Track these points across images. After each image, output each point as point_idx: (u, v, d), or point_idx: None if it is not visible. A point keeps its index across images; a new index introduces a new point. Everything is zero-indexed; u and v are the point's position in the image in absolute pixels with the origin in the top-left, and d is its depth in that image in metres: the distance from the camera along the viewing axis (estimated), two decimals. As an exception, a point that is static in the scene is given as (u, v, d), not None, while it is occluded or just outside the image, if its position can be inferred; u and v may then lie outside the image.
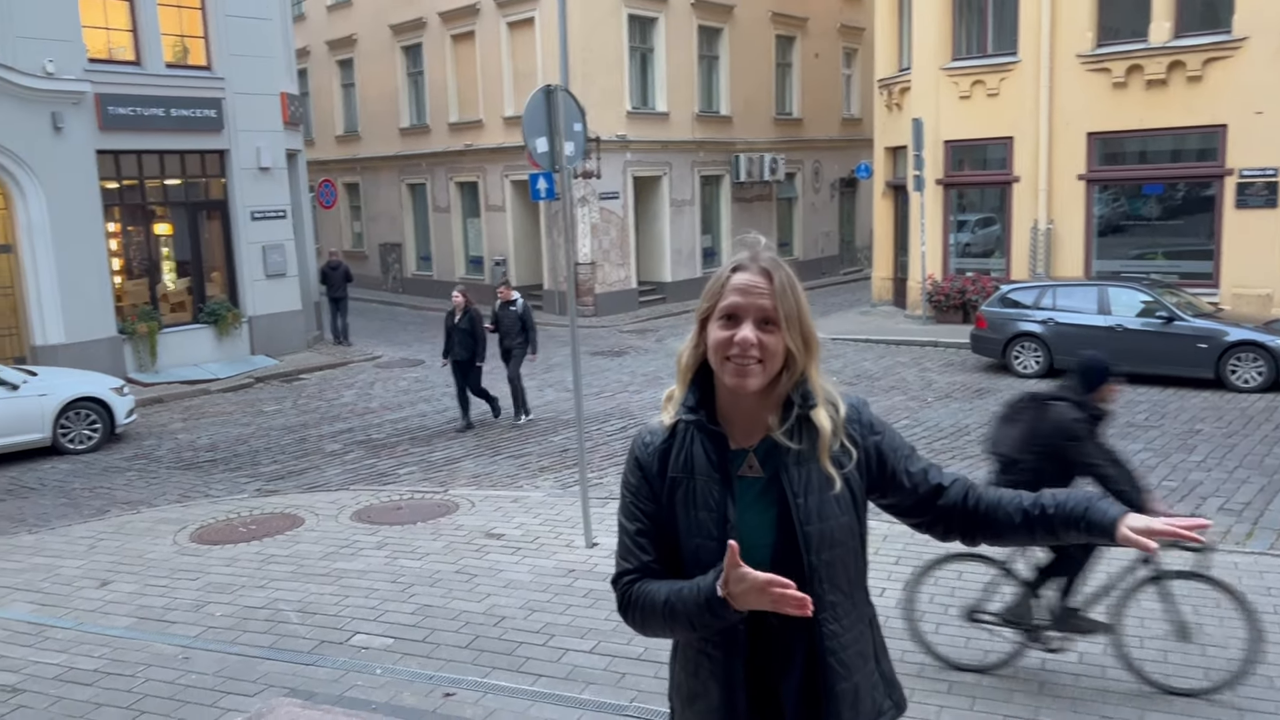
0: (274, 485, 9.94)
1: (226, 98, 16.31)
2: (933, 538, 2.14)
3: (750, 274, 1.91)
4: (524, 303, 12.06)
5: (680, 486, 1.97)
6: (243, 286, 16.97)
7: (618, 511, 2.09)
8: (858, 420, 2.01)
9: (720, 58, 24.33)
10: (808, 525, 1.91)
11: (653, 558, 2.00)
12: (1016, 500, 2.02)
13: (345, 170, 27.89)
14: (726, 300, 1.90)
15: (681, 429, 2.00)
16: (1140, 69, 15.92)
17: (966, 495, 2.05)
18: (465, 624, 6.02)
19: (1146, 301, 13.20)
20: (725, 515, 1.92)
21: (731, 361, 1.87)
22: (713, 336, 1.90)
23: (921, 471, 2.06)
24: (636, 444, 2.07)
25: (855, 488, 1.98)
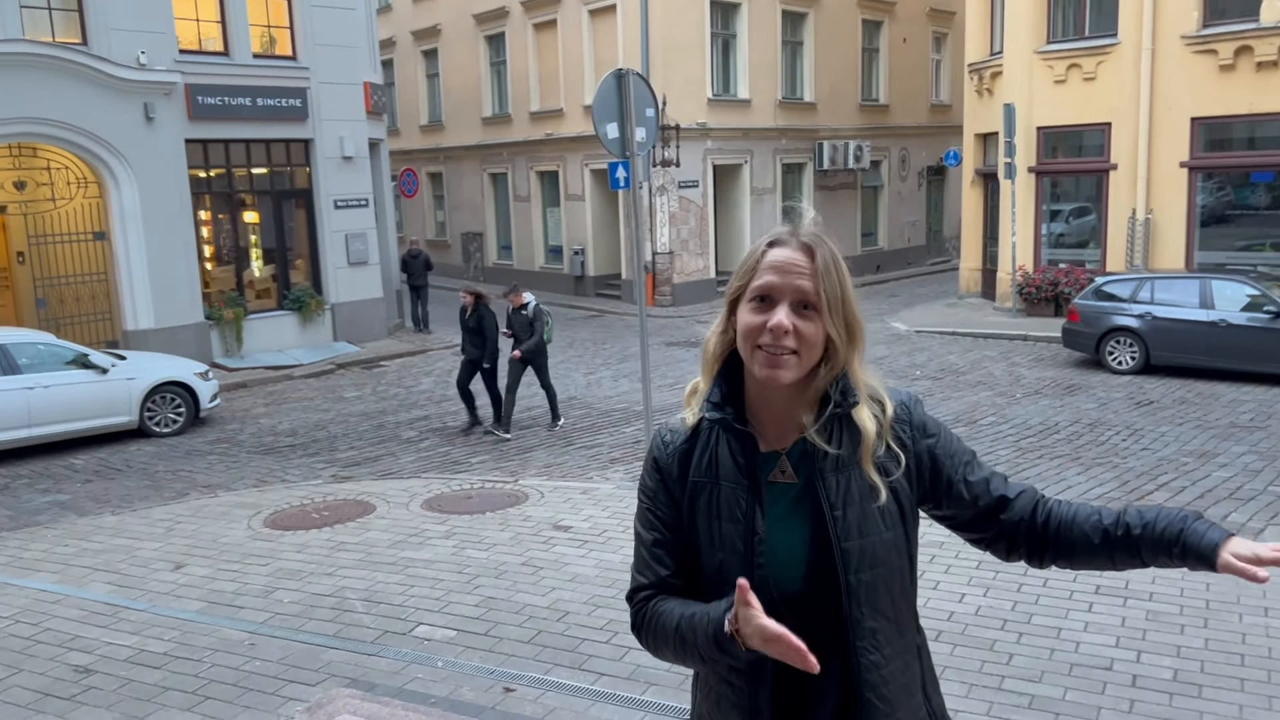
0: (349, 471, 10.01)
1: (311, 87, 16.53)
2: (994, 555, 1.87)
3: (788, 250, 1.67)
4: (536, 306, 11.36)
5: (703, 493, 1.75)
6: (326, 274, 17.21)
7: (634, 519, 1.88)
8: (908, 421, 1.77)
9: (805, 43, 23.87)
10: (846, 541, 1.67)
11: (671, 571, 1.78)
12: (1094, 518, 1.76)
13: (429, 160, 28.16)
14: (760, 280, 1.66)
15: (706, 427, 1.78)
16: (1250, 50, 15.07)
17: (1035, 510, 1.80)
18: (529, 618, 5.92)
19: (1253, 295, 12.51)
20: (753, 527, 1.70)
21: (763, 350, 1.64)
22: (742, 321, 1.68)
23: (983, 481, 1.80)
24: (655, 443, 1.85)
25: (903, 499, 1.74)
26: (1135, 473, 8.80)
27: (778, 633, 1.49)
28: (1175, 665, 5.05)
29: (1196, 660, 5.09)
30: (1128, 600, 5.83)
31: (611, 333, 18.84)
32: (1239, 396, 11.70)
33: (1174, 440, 9.88)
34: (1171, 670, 5.01)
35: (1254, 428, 10.29)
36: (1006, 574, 6.17)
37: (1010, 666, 5.12)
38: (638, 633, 1.82)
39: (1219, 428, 10.35)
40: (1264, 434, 10.01)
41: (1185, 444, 9.72)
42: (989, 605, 5.78)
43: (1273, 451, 9.34)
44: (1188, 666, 5.04)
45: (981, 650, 5.23)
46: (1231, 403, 11.44)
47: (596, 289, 23.39)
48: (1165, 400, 11.71)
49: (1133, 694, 4.81)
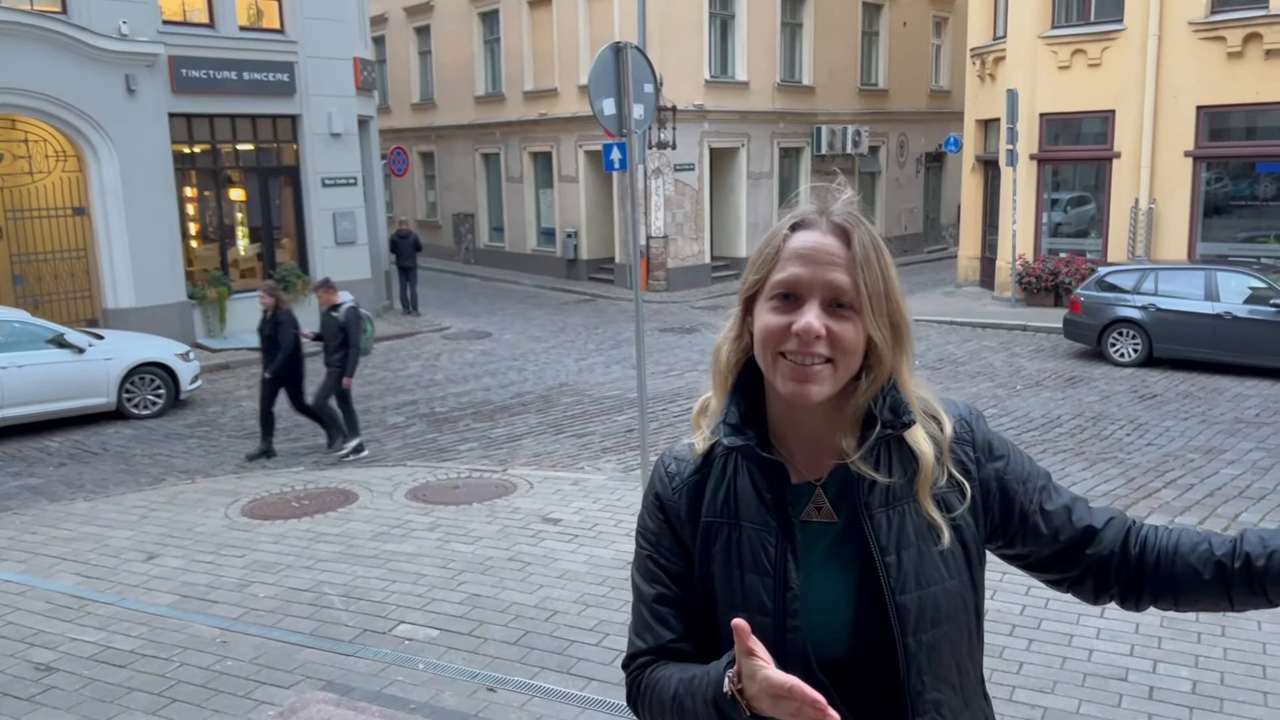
0: (332, 458, 9.71)
1: (299, 62, 16.14)
2: (1079, 598, 1.53)
3: (817, 234, 1.34)
4: (350, 309, 9.69)
5: (719, 536, 1.42)
6: (312, 253, 16.85)
7: (631, 568, 1.54)
8: (970, 441, 1.45)
9: (804, 25, 23.51)
10: (903, 593, 1.35)
11: (677, 635, 1.45)
12: (1203, 547, 1.42)
13: (420, 139, 27.75)
14: (782, 272, 1.33)
15: (721, 455, 1.46)
16: (1259, 37, 14.78)
17: (1128, 540, 1.46)
18: (515, 617, 5.66)
19: (1258, 288, 12.27)
20: (785, 578, 1.36)
21: (788, 359, 1.32)
22: (761, 323, 1.35)
23: (1063, 510, 1.47)
24: (657, 475, 1.52)
25: (969, 538, 1.42)
26: (1141, 469, 8.56)
27: (788, 685, 1.19)
28: (1194, 676, 4.82)
29: (1216, 671, 4.86)
30: (1141, 605, 5.59)
31: (604, 318, 18.54)
32: (1244, 391, 11.47)
33: (1179, 435, 9.64)
34: (1190, 682, 4.77)
35: (1260, 423, 10.07)
36: (1014, 574, 5.91)
37: (1021, 676, 4.87)
38: (633, 706, 1.51)
39: (1224, 423, 10.12)
40: (1271, 430, 9.78)
41: (1191, 439, 9.49)
42: (996, 609, 5.53)
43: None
44: (1207, 678, 4.80)
45: (990, 658, 4.98)
46: (1236, 397, 11.22)
47: (589, 273, 23.07)
48: (1169, 394, 11.47)
49: (1150, 707, 4.58)
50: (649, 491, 1.52)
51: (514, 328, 17.53)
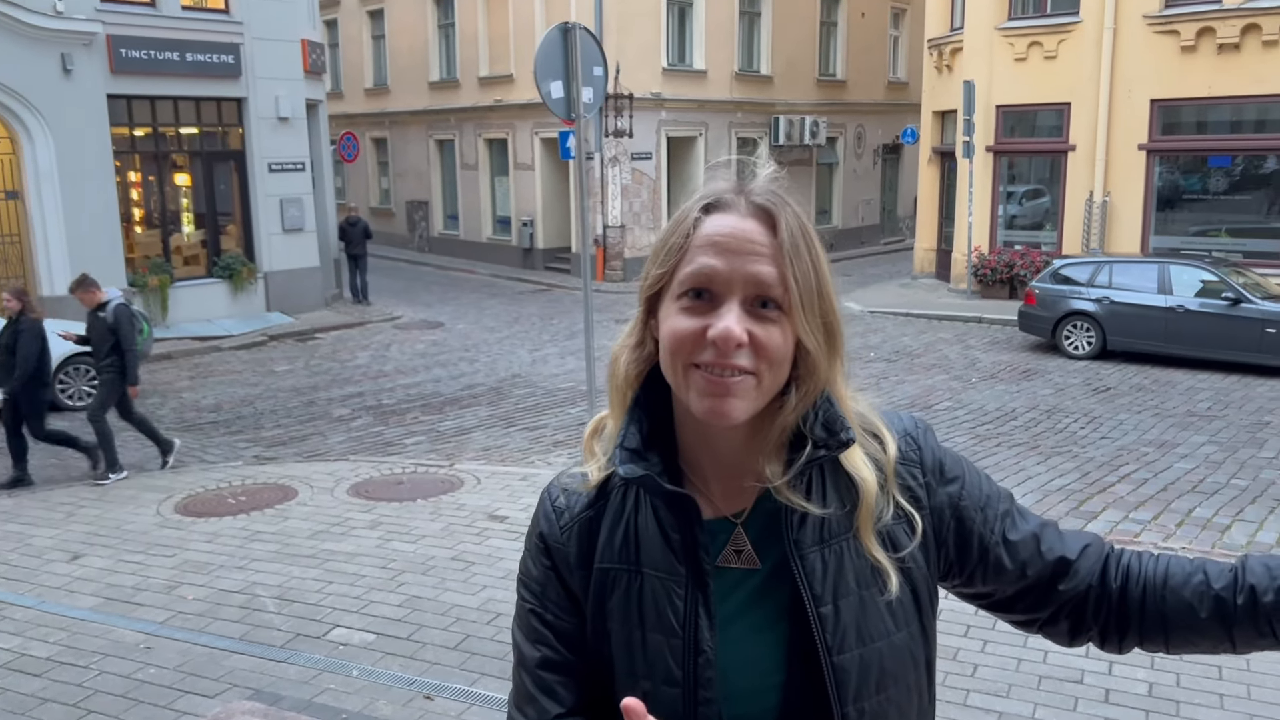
0: (273, 452, 9.41)
1: (245, 43, 15.68)
2: (1052, 641, 1.31)
3: (735, 216, 1.10)
4: (119, 306, 8.53)
5: (616, 587, 1.17)
6: (259, 241, 16.43)
7: (512, 625, 1.28)
8: (918, 462, 1.21)
9: (762, 14, 23.35)
10: (840, 653, 1.11)
11: (566, 709, 1.19)
12: (1198, 578, 1.21)
13: (374, 125, 27.26)
14: (694, 264, 1.09)
15: (619, 486, 1.21)
16: (1212, 32, 14.86)
17: (1107, 571, 1.24)
18: (456, 620, 5.44)
19: (1210, 281, 12.31)
20: (696, 640, 1.13)
21: (702, 371, 1.08)
22: (668, 328, 1.11)
23: (1030, 540, 1.23)
24: (542, 511, 1.26)
25: (919, 580, 1.19)
26: (1096, 463, 8.51)
27: None
28: (1150, 679, 4.71)
29: (1172, 673, 4.76)
30: (1096, 604, 5.49)
31: (560, 308, 18.31)
32: (1196, 384, 11.51)
33: (1133, 429, 9.63)
34: (1146, 684, 4.67)
35: (1212, 416, 10.08)
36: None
37: (976, 679, 4.75)
38: None
39: (1177, 416, 10.13)
40: (1223, 423, 9.80)
41: (1144, 433, 9.47)
42: (950, 608, 5.36)
43: (1233, 442, 9.12)
44: (1163, 680, 4.70)
45: (944, 660, 4.84)
46: (1189, 390, 11.25)
47: (545, 262, 22.81)
48: (1122, 387, 11.48)
49: (1106, 711, 4.47)
50: (532, 530, 1.26)
51: (467, 318, 17.24)
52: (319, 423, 10.45)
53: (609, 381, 1.21)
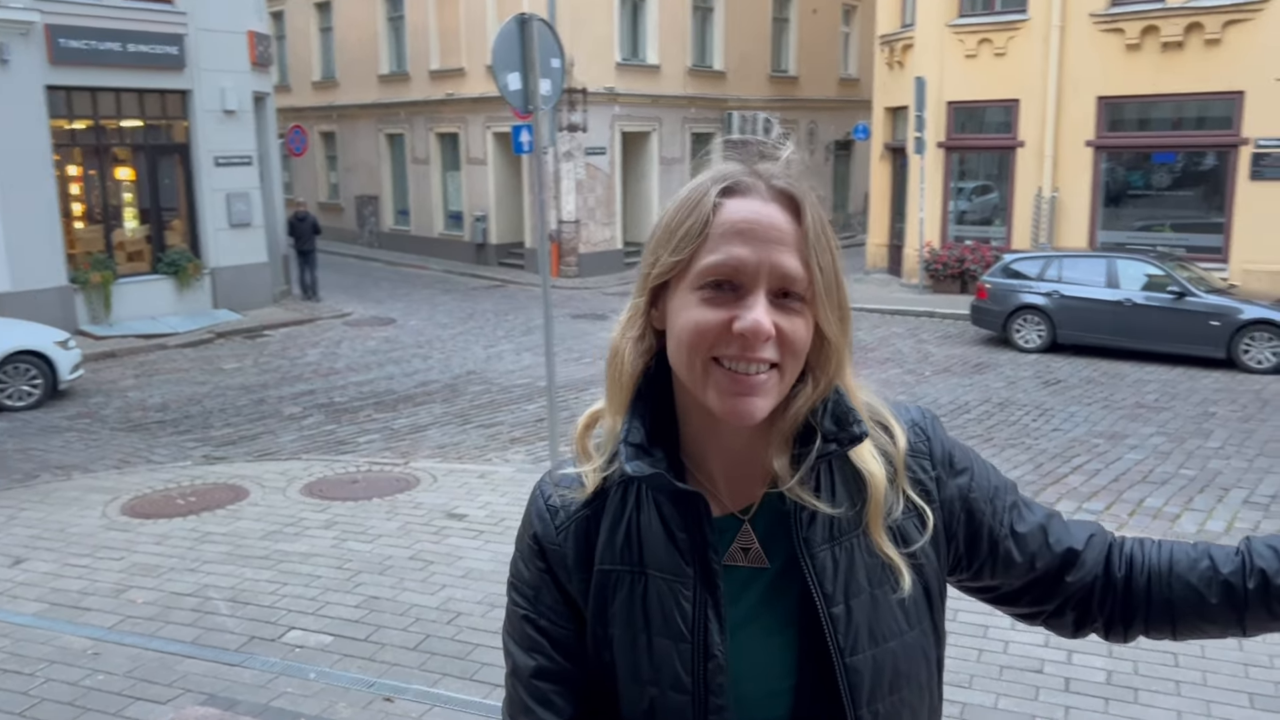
0: (222, 451, 9.21)
1: (189, 34, 15.34)
2: (1054, 633, 1.29)
3: (758, 202, 1.05)
4: None
5: (619, 589, 1.11)
6: (205, 236, 16.09)
7: (503, 632, 1.22)
8: (928, 454, 1.18)
9: (715, 10, 23.38)
10: (853, 654, 1.07)
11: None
12: (1204, 564, 1.19)
13: (322, 118, 26.86)
14: (718, 253, 1.03)
15: (618, 483, 1.14)
16: (1156, 30, 15.14)
17: (1110, 560, 1.22)
18: (415, 620, 5.35)
19: (1156, 275, 12.54)
20: (706, 644, 1.07)
21: (724, 368, 1.03)
22: (684, 320, 1.05)
23: (1038, 532, 1.20)
24: (535, 510, 1.18)
25: (930, 576, 1.15)
26: (1049, 455, 8.62)
27: None
28: (1108, 667, 4.77)
29: (1129, 661, 4.82)
30: (1054, 594, 5.55)
31: (514, 303, 18.18)
32: (1143, 376, 11.72)
33: (1083, 421, 9.77)
34: (1105, 673, 4.72)
35: (1160, 408, 10.27)
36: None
37: (938, 671, 4.76)
38: None
39: (1126, 408, 10.29)
40: (1170, 414, 9.98)
41: (1095, 425, 9.62)
42: (912, 601, 5.42)
43: (1180, 433, 9.29)
44: (1120, 668, 4.76)
45: (908, 653, 4.87)
46: (1136, 382, 11.44)
47: (499, 258, 22.64)
48: (1073, 379, 11.65)
49: (1067, 700, 4.51)
50: (524, 532, 1.19)
51: (420, 314, 17.05)
52: (269, 421, 10.26)
53: (608, 376, 1.14)
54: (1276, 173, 14.46)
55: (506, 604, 1.21)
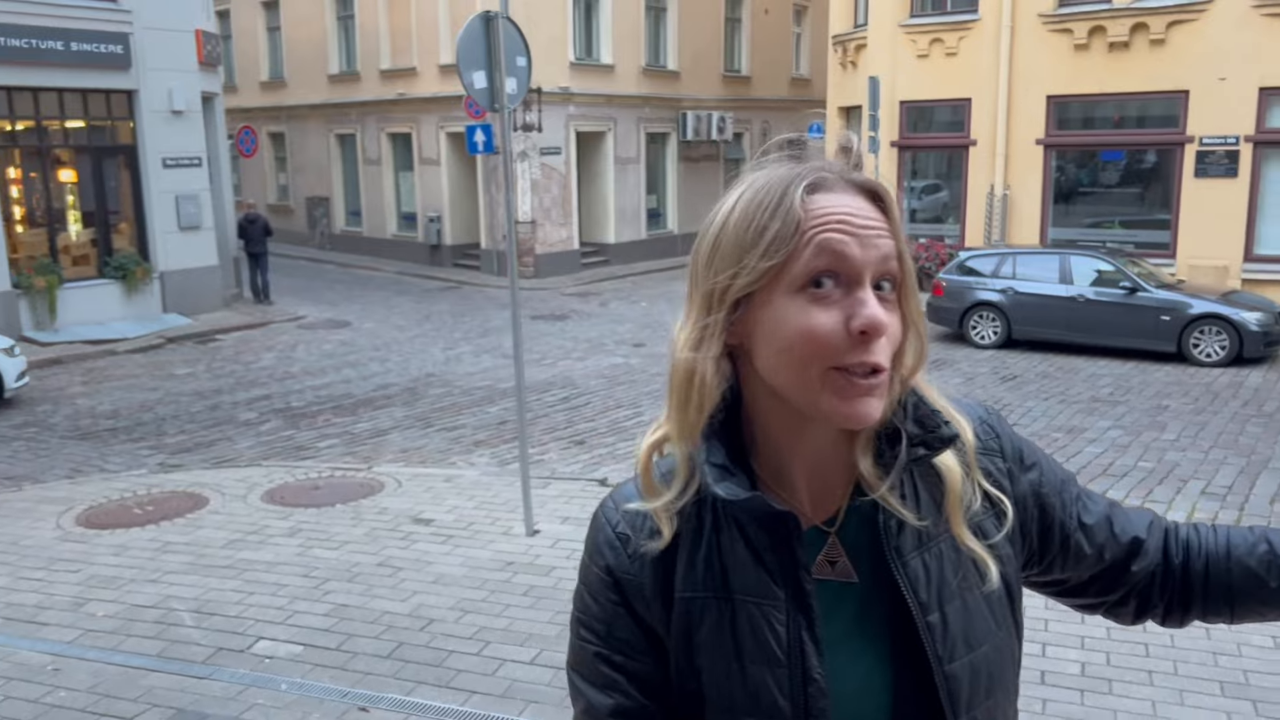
0: (178, 459, 9.01)
1: (134, 33, 15.00)
2: (1114, 621, 1.29)
3: (846, 195, 1.01)
4: None
5: (705, 617, 1.05)
6: (153, 239, 15.75)
7: (568, 668, 1.15)
8: (999, 450, 1.15)
9: (668, 10, 23.40)
10: (952, 662, 1.04)
11: None
12: (1263, 549, 1.19)
13: (270, 119, 26.44)
14: (822, 249, 0.98)
15: (691, 506, 1.07)
16: (1103, 30, 15.41)
17: (1168, 547, 1.22)
18: (387, 628, 5.26)
19: (1107, 271, 12.76)
20: (805, 667, 1.03)
21: (845, 373, 0.98)
22: (795, 325, 0.98)
23: (1105, 523, 1.20)
24: (603, 539, 1.11)
25: (1010, 573, 1.12)
26: (1010, 449, 8.70)
27: None
28: (1081, 659, 4.82)
29: (1101, 652, 4.88)
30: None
31: (471, 305, 18.03)
32: (1097, 371, 11.91)
33: (1042, 415, 9.90)
34: (1079, 664, 4.78)
35: (1115, 401, 10.44)
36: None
37: (916, 666, 4.78)
38: None
39: (1082, 402, 10.45)
40: (1125, 408, 10.15)
41: (1053, 419, 9.75)
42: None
43: (1136, 426, 9.45)
44: (1093, 659, 4.82)
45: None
46: (1091, 376, 11.63)
47: (454, 259, 22.45)
48: (1028, 375, 11.81)
49: (1044, 692, 4.55)
50: (590, 563, 1.11)
51: (375, 316, 16.85)
52: (225, 427, 10.06)
53: (677, 400, 1.05)
54: (1220, 170, 14.79)
55: (572, 640, 1.14)
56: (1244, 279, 14.48)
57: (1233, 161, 14.69)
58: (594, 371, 12.28)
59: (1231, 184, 14.71)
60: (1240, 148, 14.61)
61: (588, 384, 11.58)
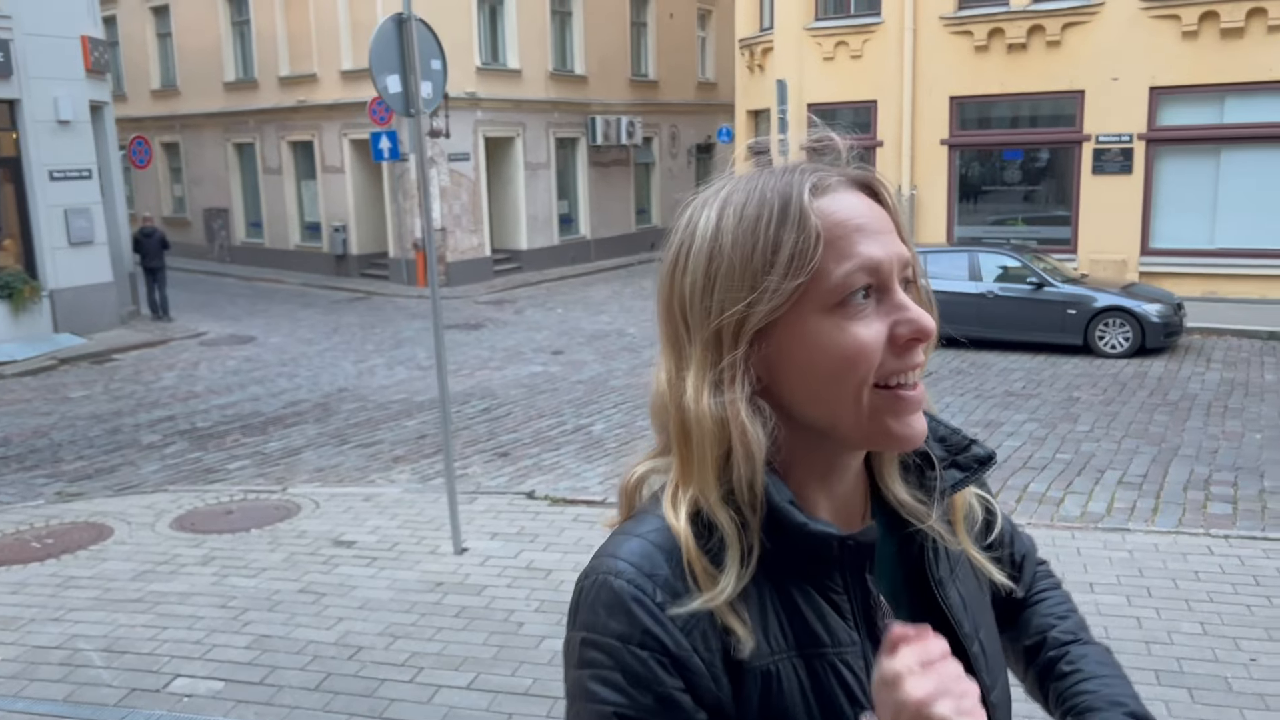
0: (78, 487, 8.53)
1: (15, 39, 14.25)
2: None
3: (850, 195, 0.93)
4: None
5: (780, 682, 0.91)
6: (41, 255, 14.98)
7: None
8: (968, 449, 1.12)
9: (573, 14, 23.29)
10: (994, 689, 1.02)
11: None
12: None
13: (163, 128, 25.51)
14: (851, 258, 0.88)
15: (735, 558, 0.90)
16: (1001, 32, 15.81)
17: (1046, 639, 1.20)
18: (313, 658, 5.01)
19: (1014, 267, 13.06)
20: None
21: (894, 390, 0.90)
22: (841, 345, 0.89)
23: (1030, 562, 1.26)
24: (644, 612, 0.89)
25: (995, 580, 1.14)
26: (932, 446, 8.80)
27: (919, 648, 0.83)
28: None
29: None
30: (960, 584, 5.62)
31: (381, 315, 17.62)
32: (1009, 365, 12.16)
33: (960, 411, 10.04)
34: (1019, 660, 4.78)
35: (1028, 395, 10.66)
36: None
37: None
38: None
39: (997, 396, 10.65)
40: (1039, 401, 10.36)
41: (971, 414, 9.90)
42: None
43: (1050, 418, 9.65)
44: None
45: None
46: (1003, 371, 11.87)
47: (361, 269, 21.94)
48: (943, 371, 11.99)
49: (987, 690, 4.54)
50: (624, 643, 0.89)
51: (281, 330, 16.33)
52: (127, 451, 9.58)
53: (716, 456, 0.91)
54: (1115, 167, 15.30)
55: None
56: (1141, 272, 15.00)
57: (1127, 158, 15.21)
58: (513, 381, 12.07)
59: (1126, 180, 15.23)
60: (1134, 145, 15.14)
61: (508, 394, 11.38)
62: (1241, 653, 4.75)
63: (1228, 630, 4.97)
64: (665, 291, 0.96)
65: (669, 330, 0.95)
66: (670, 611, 0.89)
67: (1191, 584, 5.53)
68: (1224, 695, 4.38)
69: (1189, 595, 5.38)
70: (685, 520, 0.91)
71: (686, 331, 0.93)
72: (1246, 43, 14.29)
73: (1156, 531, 6.45)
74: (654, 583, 0.90)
